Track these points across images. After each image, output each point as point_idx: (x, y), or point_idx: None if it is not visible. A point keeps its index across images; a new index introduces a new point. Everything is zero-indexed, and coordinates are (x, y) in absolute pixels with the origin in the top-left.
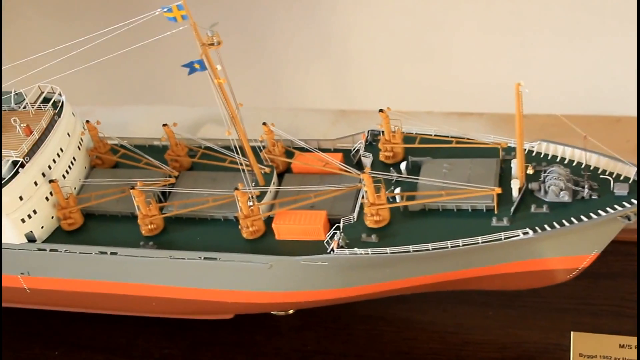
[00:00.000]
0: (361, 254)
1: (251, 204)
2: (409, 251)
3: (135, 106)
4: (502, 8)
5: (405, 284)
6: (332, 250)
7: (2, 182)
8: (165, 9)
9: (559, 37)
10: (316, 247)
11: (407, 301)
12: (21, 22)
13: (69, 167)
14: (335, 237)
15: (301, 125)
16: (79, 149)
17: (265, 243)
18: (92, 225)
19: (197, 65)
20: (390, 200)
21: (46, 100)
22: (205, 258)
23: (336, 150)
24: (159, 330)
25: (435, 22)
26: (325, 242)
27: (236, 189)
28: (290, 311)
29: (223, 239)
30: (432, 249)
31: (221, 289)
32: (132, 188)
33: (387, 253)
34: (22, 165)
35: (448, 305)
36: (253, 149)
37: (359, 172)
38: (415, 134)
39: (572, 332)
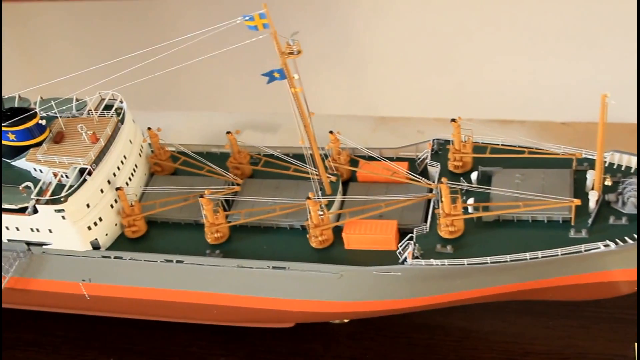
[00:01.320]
0: (437, 264)
1: (321, 213)
2: (487, 262)
3: (173, 112)
4: (544, 17)
5: (474, 294)
6: (405, 260)
7: (71, 190)
8: (247, 18)
9: (602, 45)
10: (386, 257)
11: (465, 310)
12: (81, 31)
13: (132, 174)
14: (410, 248)
15: (342, 132)
16: (140, 155)
17: (334, 252)
18: (155, 232)
19: (276, 74)
20: (464, 210)
21: (107, 107)
22: (274, 267)
23: (399, 159)
24: (215, 337)
25: (476, 31)
26: (397, 252)
27: (308, 198)
28: (346, 320)
29: (290, 248)
30: (510, 261)
31: (287, 298)
32: (201, 196)
33: (464, 264)
34: (89, 173)
35: (507, 315)
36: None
37: (429, 182)
38: (482, 143)
39: (635, 344)
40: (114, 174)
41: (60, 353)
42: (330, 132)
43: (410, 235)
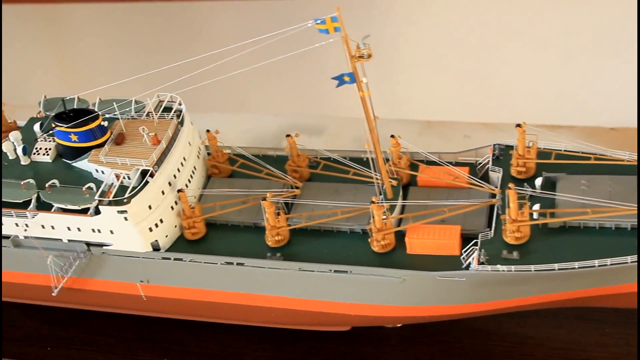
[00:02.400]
0: (504, 270)
1: (385, 217)
2: (554, 269)
3: (217, 113)
4: (591, 20)
5: (536, 300)
6: (470, 265)
7: (135, 191)
8: (319, 21)
9: None
10: (448, 262)
11: (518, 316)
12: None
13: (191, 176)
14: (475, 253)
15: (388, 136)
16: (198, 157)
17: (395, 257)
18: (213, 235)
19: (346, 78)
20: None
21: (165, 110)
22: (335, 271)
23: (458, 164)
24: (268, 339)
25: (524, 35)
26: (462, 257)
27: (372, 202)
28: (399, 324)
29: (350, 252)
30: (579, 268)
31: (346, 302)
32: (263, 199)
33: (531, 271)
34: (151, 175)
35: (562, 322)
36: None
37: (493, 188)
38: (544, 148)
39: None
40: (174, 176)
41: (114, 353)
42: (392, 136)
43: (475, 240)
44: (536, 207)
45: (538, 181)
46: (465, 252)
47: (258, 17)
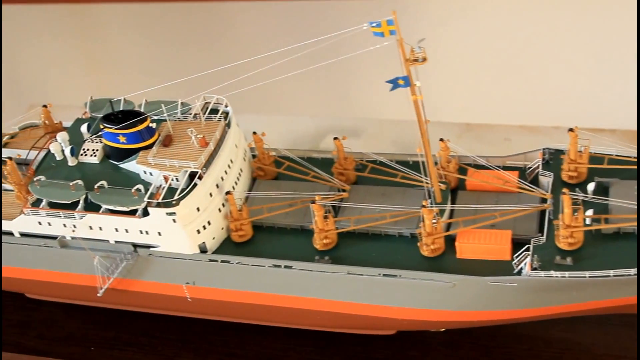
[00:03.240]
0: (557, 277)
1: (435, 221)
2: (610, 276)
3: (254, 115)
4: (631, 23)
5: (586, 306)
6: (522, 271)
7: (184, 193)
8: (374, 24)
9: None
10: (498, 267)
11: (565, 321)
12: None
13: (237, 178)
14: (528, 259)
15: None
16: (244, 160)
17: (445, 261)
18: (260, 237)
19: (401, 82)
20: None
21: (212, 111)
22: (384, 275)
23: (506, 168)
24: (311, 342)
25: (564, 37)
26: (513, 262)
27: (423, 206)
28: (442, 329)
29: (399, 256)
30: (634, 274)
31: (394, 306)
32: (313, 202)
33: (585, 277)
34: (200, 177)
35: (609, 328)
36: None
37: (544, 192)
38: (594, 153)
39: None
40: (222, 178)
41: (157, 353)
42: (441, 139)
43: (527, 246)
44: (589, 212)
45: (590, 186)
46: (516, 257)
47: (298, 19)
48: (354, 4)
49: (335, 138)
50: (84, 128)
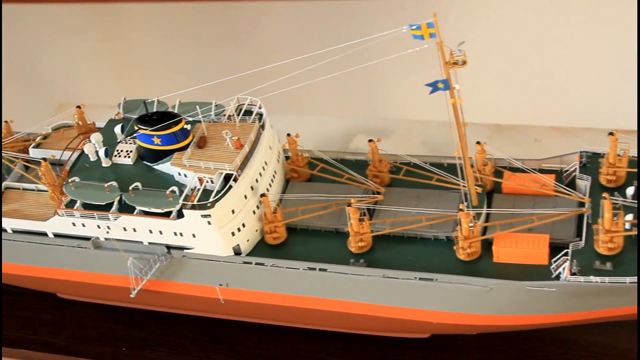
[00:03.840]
0: (597, 282)
1: (472, 225)
2: None
3: (282, 115)
4: None
5: (623, 311)
6: (560, 275)
7: (219, 196)
8: (414, 27)
9: None
10: (535, 272)
11: (598, 326)
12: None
13: (271, 180)
14: (567, 264)
15: (455, 140)
16: (278, 161)
17: (481, 265)
18: (294, 239)
19: (440, 85)
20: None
21: (246, 113)
22: (420, 278)
23: (543, 171)
24: (342, 344)
25: (595, 38)
26: (551, 267)
27: (460, 209)
28: (474, 332)
29: (434, 259)
30: None
31: (429, 309)
32: (348, 205)
33: (625, 283)
34: (235, 179)
35: None
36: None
37: (582, 196)
38: (632, 156)
39: None
40: (256, 180)
41: (189, 354)
42: (478, 142)
43: (565, 250)
44: (629, 217)
45: (630, 190)
46: (554, 262)
47: (331, 19)
48: (386, 5)
49: (370, 140)
50: (117, 129)
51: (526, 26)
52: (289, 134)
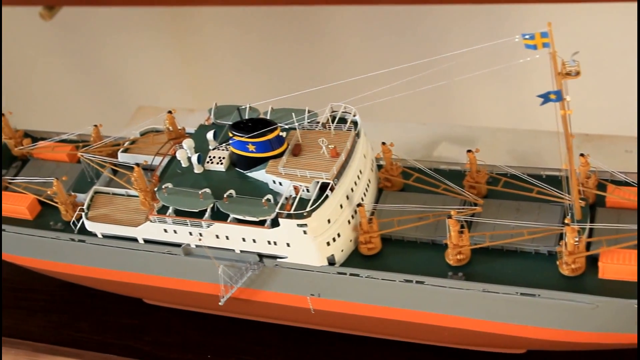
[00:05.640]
0: None
1: (577, 240)
2: None
3: (365, 122)
4: None
5: None
6: None
7: (316, 205)
8: (527, 36)
9: None
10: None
11: None
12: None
13: (366, 189)
14: None
15: (542, 150)
16: (372, 170)
17: (585, 281)
18: (388, 250)
19: (553, 96)
20: None
21: (340, 121)
22: (522, 294)
23: None
24: (433, 357)
25: None
26: None
27: (566, 224)
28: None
29: (535, 274)
30: None
31: (528, 325)
32: (449, 217)
33: None
34: (332, 189)
35: None
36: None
37: None
38: None
39: None
40: (352, 189)
41: None
42: (582, 154)
43: None
44: None
45: None
46: None
47: (425, 25)
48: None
49: (469, 151)
50: (210, 135)
51: (614, 34)
52: (384, 143)
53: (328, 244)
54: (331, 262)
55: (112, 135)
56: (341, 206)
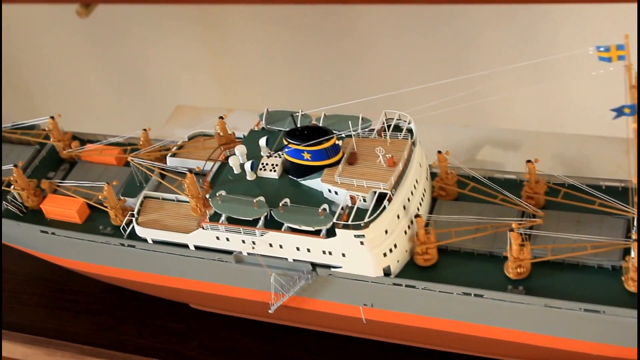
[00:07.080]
0: None
1: None
2: None
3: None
4: None
5: None
6: None
7: (374, 216)
8: (602, 49)
9: None
10: None
11: None
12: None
13: (421, 199)
14: None
15: (591, 155)
16: (427, 179)
17: None
18: (444, 261)
19: (627, 110)
20: None
21: (395, 128)
22: (585, 310)
23: None
24: None
25: None
26: None
27: (635, 239)
28: None
29: (598, 289)
30: None
31: (589, 341)
32: (511, 230)
33: None
34: (389, 199)
35: None
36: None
37: None
38: None
39: None
40: (408, 200)
41: None
42: None
43: None
44: None
45: None
46: None
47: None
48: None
49: (529, 161)
50: (262, 142)
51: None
52: (439, 151)
53: (385, 254)
54: (387, 272)
55: (154, 135)
56: (398, 217)
